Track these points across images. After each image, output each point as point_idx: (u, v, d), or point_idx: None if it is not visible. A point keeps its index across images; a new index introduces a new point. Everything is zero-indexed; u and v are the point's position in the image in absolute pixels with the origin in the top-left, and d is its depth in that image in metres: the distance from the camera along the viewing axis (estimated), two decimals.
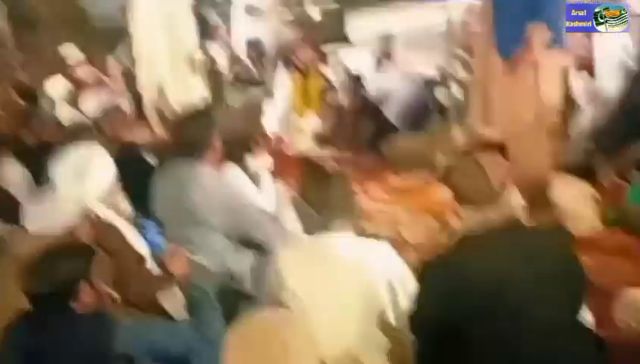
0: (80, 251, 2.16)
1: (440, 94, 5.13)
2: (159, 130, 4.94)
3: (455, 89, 4.96)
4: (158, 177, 2.99)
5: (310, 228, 2.28)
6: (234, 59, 6.81)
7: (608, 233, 3.34)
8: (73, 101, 5.37)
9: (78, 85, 5.53)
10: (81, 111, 5.10)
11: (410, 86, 5.17)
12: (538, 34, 3.30)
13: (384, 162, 4.94)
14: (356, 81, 5.75)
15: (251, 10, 7.21)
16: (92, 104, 4.95)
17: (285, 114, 6.06)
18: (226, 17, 7.80)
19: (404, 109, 5.29)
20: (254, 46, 6.91)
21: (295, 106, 6.07)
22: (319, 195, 2.23)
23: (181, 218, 2.86)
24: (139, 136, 4.13)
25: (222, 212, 2.85)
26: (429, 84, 5.31)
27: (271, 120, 6.08)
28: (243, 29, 7.30)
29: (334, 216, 2.20)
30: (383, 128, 5.33)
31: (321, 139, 5.74)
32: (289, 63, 6.03)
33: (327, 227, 2.20)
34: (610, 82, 3.98)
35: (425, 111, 5.25)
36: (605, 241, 3.23)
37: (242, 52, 6.99)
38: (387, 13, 5.84)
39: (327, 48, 6.58)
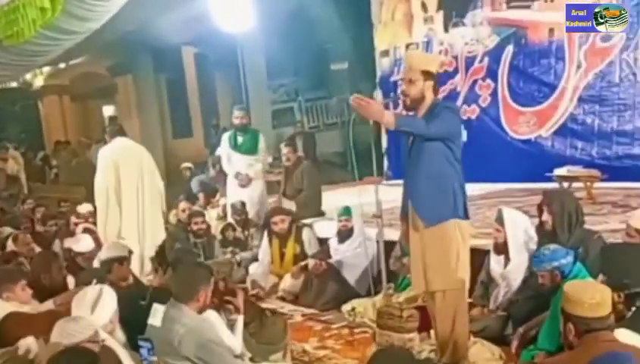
0: (87, 354, 2.87)
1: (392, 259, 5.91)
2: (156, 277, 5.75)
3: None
4: (152, 313, 3.74)
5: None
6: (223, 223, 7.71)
7: None
8: None
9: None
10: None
11: (369, 253, 5.95)
12: None
13: (342, 318, 5.64)
14: (324, 249, 6.60)
15: (238, 176, 7.92)
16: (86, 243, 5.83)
17: (264, 273, 6.88)
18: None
19: (363, 275, 6.07)
20: (239, 210, 7.70)
21: (273, 268, 6.90)
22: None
23: (165, 349, 3.58)
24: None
25: (195, 348, 3.54)
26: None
27: (253, 279, 6.86)
28: (230, 193, 8.06)
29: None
30: (345, 290, 6.10)
31: (292, 297, 6.47)
32: (270, 228, 6.90)
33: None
34: (519, 261, 4.81)
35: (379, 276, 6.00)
36: None
37: (229, 216, 7.87)
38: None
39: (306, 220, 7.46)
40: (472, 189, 8.52)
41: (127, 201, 6.42)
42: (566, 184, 7.25)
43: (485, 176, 8.79)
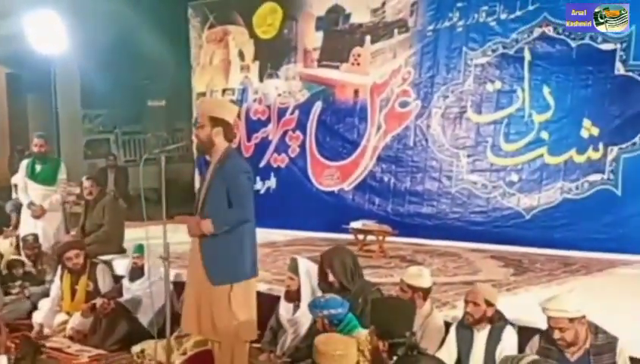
0: None
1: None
2: None
3: None
4: None
5: None
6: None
7: None
8: None
9: None
10: None
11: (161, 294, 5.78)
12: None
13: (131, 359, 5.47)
14: (115, 288, 6.34)
15: (30, 206, 7.54)
16: None
17: (52, 310, 6.48)
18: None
19: (156, 315, 5.86)
20: (29, 244, 7.25)
21: (63, 304, 6.52)
22: None
23: None
24: None
25: None
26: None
27: (40, 315, 6.47)
28: (23, 224, 7.66)
29: None
30: (136, 331, 5.87)
31: (81, 336, 6.13)
32: (63, 263, 6.52)
33: None
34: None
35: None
36: None
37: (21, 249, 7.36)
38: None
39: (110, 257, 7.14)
40: (278, 235, 8.79)
41: None
42: (361, 236, 7.55)
43: (291, 223, 9.03)
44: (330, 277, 4.79)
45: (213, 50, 10.51)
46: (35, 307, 6.69)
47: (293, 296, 5.02)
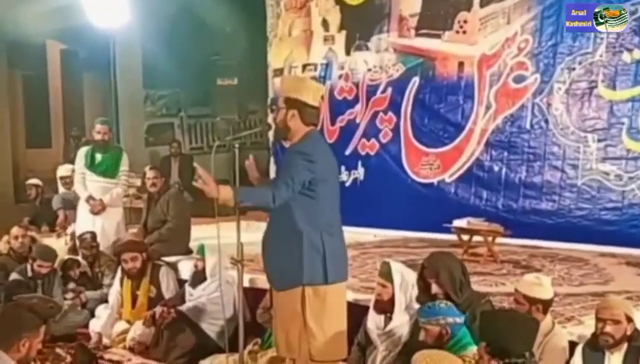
0: None
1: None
2: None
3: None
4: None
5: None
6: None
7: None
8: None
9: None
10: None
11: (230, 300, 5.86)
12: None
13: None
14: (178, 294, 6.49)
15: (89, 201, 7.78)
16: None
17: (111, 318, 6.69)
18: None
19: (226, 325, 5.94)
20: (87, 244, 7.46)
21: (123, 312, 6.72)
22: None
23: None
24: None
25: None
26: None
27: (98, 324, 6.71)
28: (80, 220, 7.91)
29: None
30: (203, 343, 5.98)
31: (143, 348, 6.30)
32: (121, 266, 6.72)
33: None
34: (402, 321, 4.88)
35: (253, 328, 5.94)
36: None
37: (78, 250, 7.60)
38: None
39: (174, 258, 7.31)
40: (366, 235, 8.77)
41: None
42: (465, 237, 7.43)
43: (382, 221, 9.00)
44: (435, 289, 4.73)
45: (292, 19, 10.55)
46: (92, 314, 6.92)
47: (385, 307, 4.97)
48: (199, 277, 6.28)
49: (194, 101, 14.25)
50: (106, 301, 6.95)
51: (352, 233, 7.77)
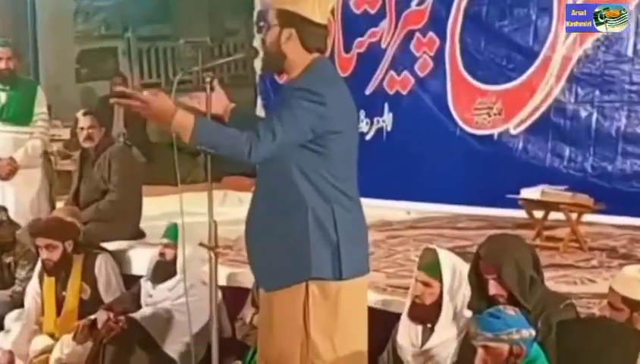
0: None
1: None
2: None
3: None
4: None
5: None
6: None
7: None
8: None
9: None
10: None
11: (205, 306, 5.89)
12: None
13: None
14: (128, 295, 6.53)
15: None
16: None
17: (27, 330, 6.72)
18: None
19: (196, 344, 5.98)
20: None
21: (44, 321, 6.74)
22: None
23: None
24: None
25: None
26: None
27: (9, 339, 6.70)
28: None
29: None
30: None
31: None
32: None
33: None
34: (449, 335, 4.91)
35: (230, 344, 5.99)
36: None
37: None
38: None
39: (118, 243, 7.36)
40: (395, 210, 8.76)
41: None
42: (539, 214, 7.43)
43: (416, 191, 9.03)
44: (494, 289, 4.71)
45: None
46: (0, 326, 6.92)
47: (425, 314, 4.97)
48: (165, 271, 6.25)
49: (147, 16, 14.23)
50: (20, 306, 6.94)
51: (375, 209, 7.84)
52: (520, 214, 7.73)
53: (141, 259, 6.97)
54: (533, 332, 4.15)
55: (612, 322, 4.26)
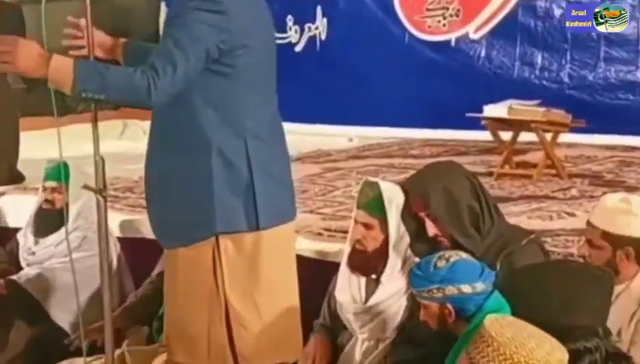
0: None
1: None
2: None
3: None
4: None
5: None
6: None
7: None
8: None
9: None
10: None
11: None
12: None
13: None
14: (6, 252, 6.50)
15: None
16: None
17: None
18: None
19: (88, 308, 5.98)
20: None
21: None
22: None
23: None
24: None
25: None
26: None
27: None
28: None
29: None
30: (50, 339, 6.01)
31: None
32: None
33: None
34: (398, 286, 4.95)
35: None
36: None
37: None
38: None
39: None
40: (332, 137, 8.77)
41: None
42: (506, 135, 7.47)
43: (359, 113, 9.03)
44: (430, 229, 4.72)
45: None
46: None
47: (368, 263, 4.95)
48: (51, 220, 6.23)
49: None
50: None
51: (309, 136, 7.85)
52: (484, 136, 7.80)
53: (19, 206, 6.99)
54: (479, 286, 4.04)
55: (581, 265, 4.28)
